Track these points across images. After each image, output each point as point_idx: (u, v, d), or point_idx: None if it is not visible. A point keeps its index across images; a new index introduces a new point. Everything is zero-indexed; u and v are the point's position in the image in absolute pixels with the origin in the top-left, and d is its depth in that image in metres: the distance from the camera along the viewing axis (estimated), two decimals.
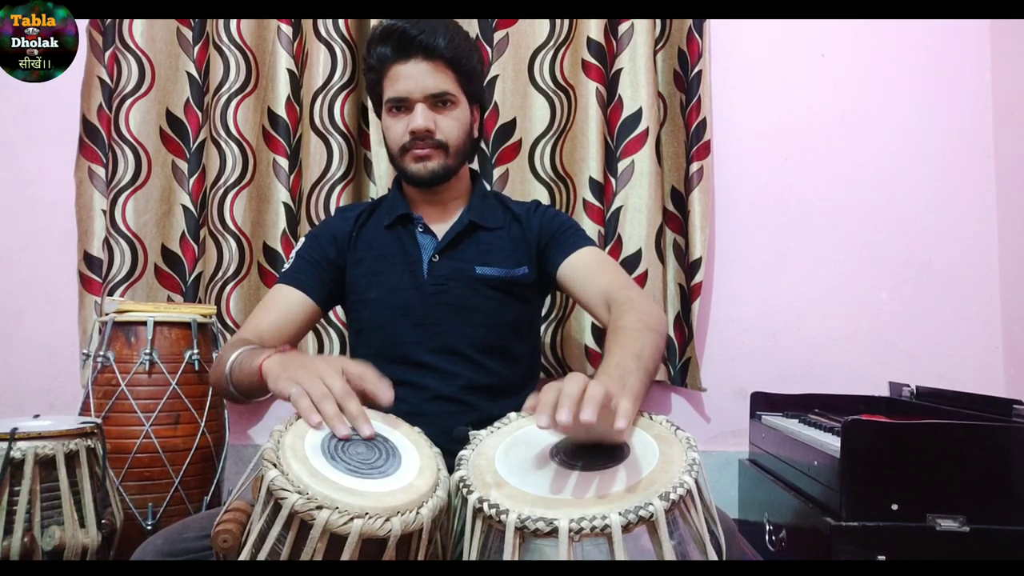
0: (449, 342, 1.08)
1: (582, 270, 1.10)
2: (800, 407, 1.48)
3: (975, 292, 1.65)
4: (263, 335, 1.05)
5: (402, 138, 1.08)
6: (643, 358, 0.86)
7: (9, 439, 1.06)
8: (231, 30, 1.65)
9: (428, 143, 1.07)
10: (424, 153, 1.08)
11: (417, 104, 1.06)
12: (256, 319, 1.09)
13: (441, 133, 1.08)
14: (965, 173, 1.66)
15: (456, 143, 1.10)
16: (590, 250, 1.13)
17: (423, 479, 0.71)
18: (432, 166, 1.08)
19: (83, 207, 1.67)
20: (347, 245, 1.15)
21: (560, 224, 1.16)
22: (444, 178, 1.11)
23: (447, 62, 1.06)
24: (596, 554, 0.60)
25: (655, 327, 0.95)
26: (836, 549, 0.99)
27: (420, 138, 1.07)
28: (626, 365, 0.83)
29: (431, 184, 1.11)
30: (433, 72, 1.06)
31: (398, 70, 1.06)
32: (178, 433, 1.36)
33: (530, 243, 1.15)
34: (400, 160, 1.10)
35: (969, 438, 1.01)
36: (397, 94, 1.07)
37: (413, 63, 1.05)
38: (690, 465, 0.66)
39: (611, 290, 1.04)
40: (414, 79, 1.06)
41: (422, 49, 1.05)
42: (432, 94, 1.06)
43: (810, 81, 1.70)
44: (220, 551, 0.68)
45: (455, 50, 1.06)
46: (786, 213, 1.69)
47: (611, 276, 1.09)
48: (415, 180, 1.11)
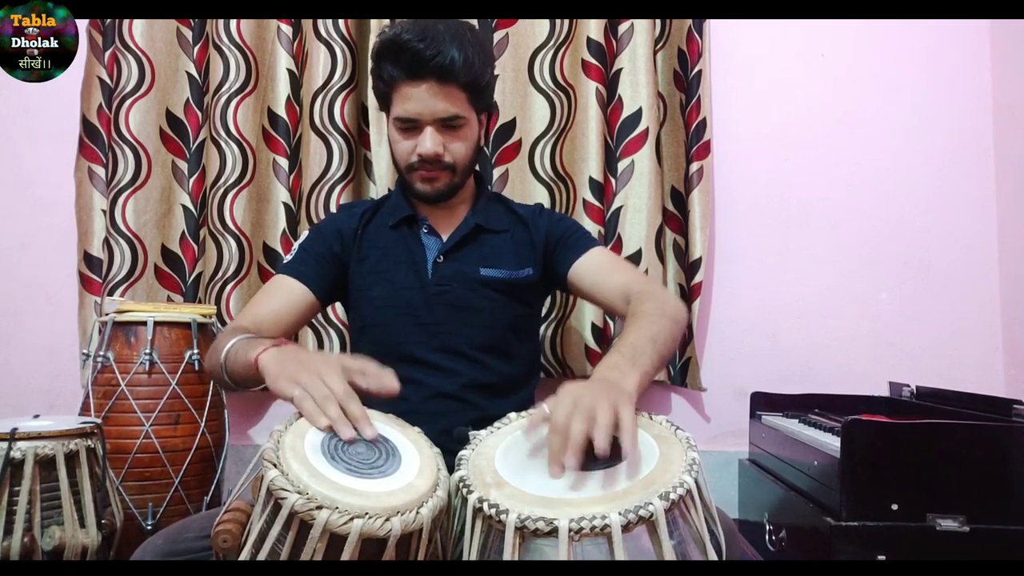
0: (451, 341, 1.08)
1: (597, 269, 1.12)
2: (800, 407, 1.48)
3: (975, 292, 1.65)
4: (261, 324, 1.05)
5: (410, 157, 1.07)
6: (657, 342, 0.88)
7: (9, 439, 1.06)
8: (231, 30, 1.65)
9: (436, 166, 1.07)
10: (432, 175, 1.08)
11: (427, 127, 1.04)
12: (255, 307, 1.09)
13: (449, 155, 1.07)
14: (965, 173, 1.66)
15: (463, 163, 1.10)
16: (600, 250, 1.16)
17: (423, 479, 0.71)
18: (439, 187, 1.09)
19: (83, 207, 1.67)
20: (352, 241, 1.15)
21: (567, 227, 1.18)
22: (450, 196, 1.12)
23: (460, 86, 1.02)
24: (596, 554, 0.60)
25: (673, 315, 0.96)
26: (836, 549, 0.99)
27: (428, 161, 1.06)
28: (640, 346, 0.86)
29: (436, 202, 1.12)
30: (444, 96, 1.02)
31: (409, 91, 1.02)
32: (178, 433, 1.36)
33: (536, 246, 1.16)
34: (408, 177, 1.11)
35: (969, 438, 1.01)
36: (407, 114, 1.04)
37: (425, 86, 1.01)
38: (690, 465, 0.66)
39: (630, 284, 1.06)
40: (424, 102, 1.02)
41: (435, 73, 1.00)
42: (442, 118, 1.04)
43: (810, 81, 1.70)
44: (220, 551, 0.68)
45: (469, 72, 1.02)
46: (786, 213, 1.69)
47: (628, 273, 1.12)
48: (421, 198, 1.12)
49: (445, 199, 1.12)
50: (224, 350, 0.93)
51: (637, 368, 0.81)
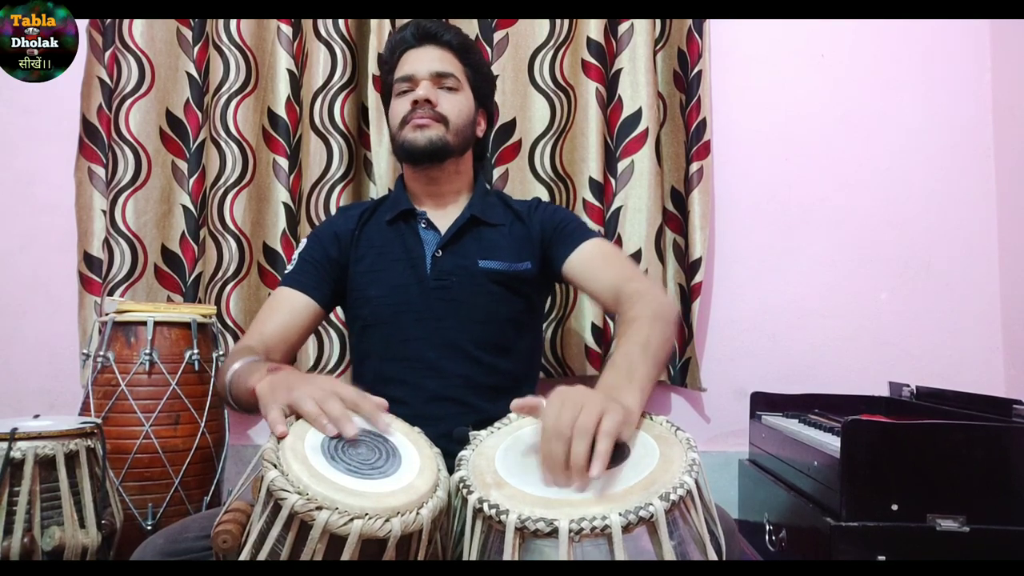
0: (450, 338, 1.08)
1: (588, 264, 1.11)
2: (800, 407, 1.48)
3: (975, 292, 1.65)
4: (268, 340, 1.06)
5: (403, 111, 1.13)
6: (650, 348, 0.88)
7: (9, 439, 1.06)
8: (231, 30, 1.65)
9: (428, 113, 1.11)
10: (423, 122, 1.10)
11: (422, 81, 1.13)
12: (260, 324, 1.10)
13: (442, 107, 1.12)
14: (965, 173, 1.66)
15: (457, 121, 1.13)
16: (595, 242, 1.14)
17: (423, 479, 0.71)
18: (430, 134, 1.10)
19: (83, 207, 1.67)
20: (349, 243, 1.15)
21: (562, 218, 1.17)
22: (443, 151, 1.11)
23: (454, 50, 1.16)
24: (596, 554, 0.60)
25: (663, 315, 0.96)
26: (836, 549, 0.99)
27: (420, 107, 1.11)
28: (633, 356, 0.85)
29: (430, 156, 1.11)
30: (440, 57, 1.15)
31: (409, 54, 1.15)
32: (178, 433, 1.35)
33: (534, 240, 1.16)
34: (400, 135, 1.13)
35: (969, 438, 1.01)
36: (404, 73, 1.14)
37: (424, 48, 1.15)
38: (690, 465, 0.66)
39: (619, 283, 1.04)
40: (421, 60, 1.14)
41: (433, 37, 1.15)
42: (437, 72, 1.13)
43: (810, 81, 1.70)
44: (220, 551, 0.68)
45: (464, 42, 1.17)
46: (786, 213, 1.69)
47: (618, 268, 1.10)
48: (412, 150, 1.11)
49: (438, 155, 1.12)
50: (228, 375, 0.94)
51: (635, 383, 0.80)
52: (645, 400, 0.80)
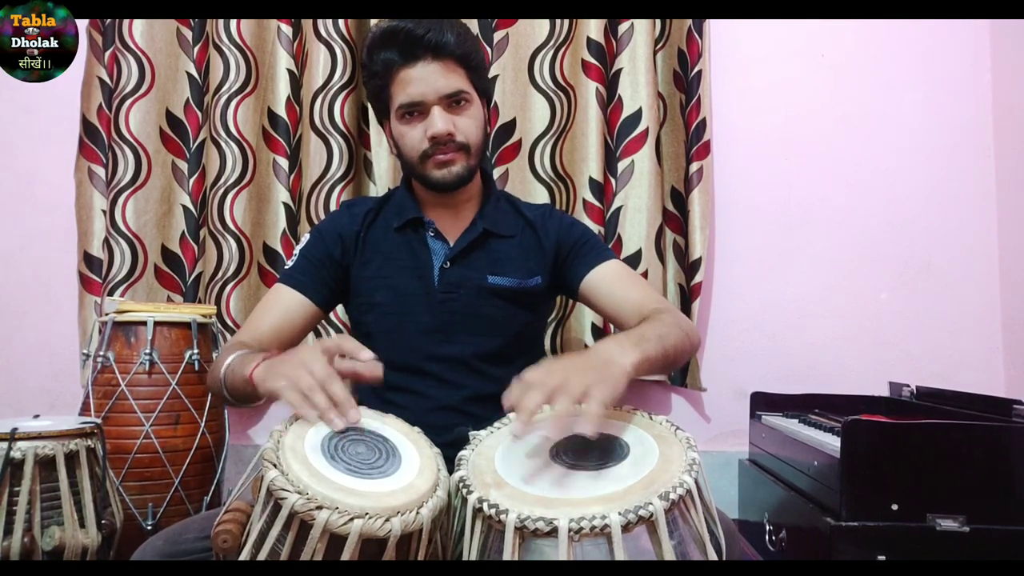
0: (456, 351, 1.06)
1: (613, 284, 1.10)
2: (800, 407, 1.48)
3: (975, 292, 1.65)
4: (262, 338, 1.04)
5: (421, 144, 1.03)
6: (665, 341, 0.88)
7: (9, 439, 1.06)
8: (231, 30, 1.65)
9: (450, 147, 1.03)
10: (447, 158, 1.03)
11: (433, 107, 1.01)
12: (255, 321, 1.08)
13: (461, 134, 1.03)
14: (965, 173, 1.66)
15: (476, 142, 1.06)
16: (617, 263, 1.13)
17: (423, 479, 0.71)
18: (457, 170, 1.04)
19: (83, 207, 1.67)
20: (354, 245, 1.12)
21: (580, 235, 1.15)
22: (469, 180, 1.08)
23: (457, 60, 1.02)
24: (596, 554, 0.60)
25: (687, 329, 0.97)
26: (836, 549, 0.99)
27: (442, 143, 1.02)
28: (647, 335, 0.86)
29: (456, 188, 1.08)
30: (445, 72, 1.01)
31: (407, 74, 1.01)
32: (178, 433, 1.35)
33: (546, 253, 1.13)
34: (421, 168, 1.05)
35: (969, 438, 1.01)
36: (410, 99, 1.01)
37: (422, 65, 1.00)
38: (690, 465, 0.66)
39: (646, 303, 1.04)
40: (426, 81, 1.00)
41: (431, 49, 0.99)
42: (447, 95, 1.01)
43: (810, 81, 1.70)
44: (220, 551, 0.68)
45: (464, 46, 1.02)
46: (786, 213, 1.69)
47: (645, 290, 1.11)
48: (440, 186, 1.06)
49: (464, 183, 1.07)
50: (222, 368, 0.93)
51: (639, 349, 0.80)
52: (641, 369, 0.81)
